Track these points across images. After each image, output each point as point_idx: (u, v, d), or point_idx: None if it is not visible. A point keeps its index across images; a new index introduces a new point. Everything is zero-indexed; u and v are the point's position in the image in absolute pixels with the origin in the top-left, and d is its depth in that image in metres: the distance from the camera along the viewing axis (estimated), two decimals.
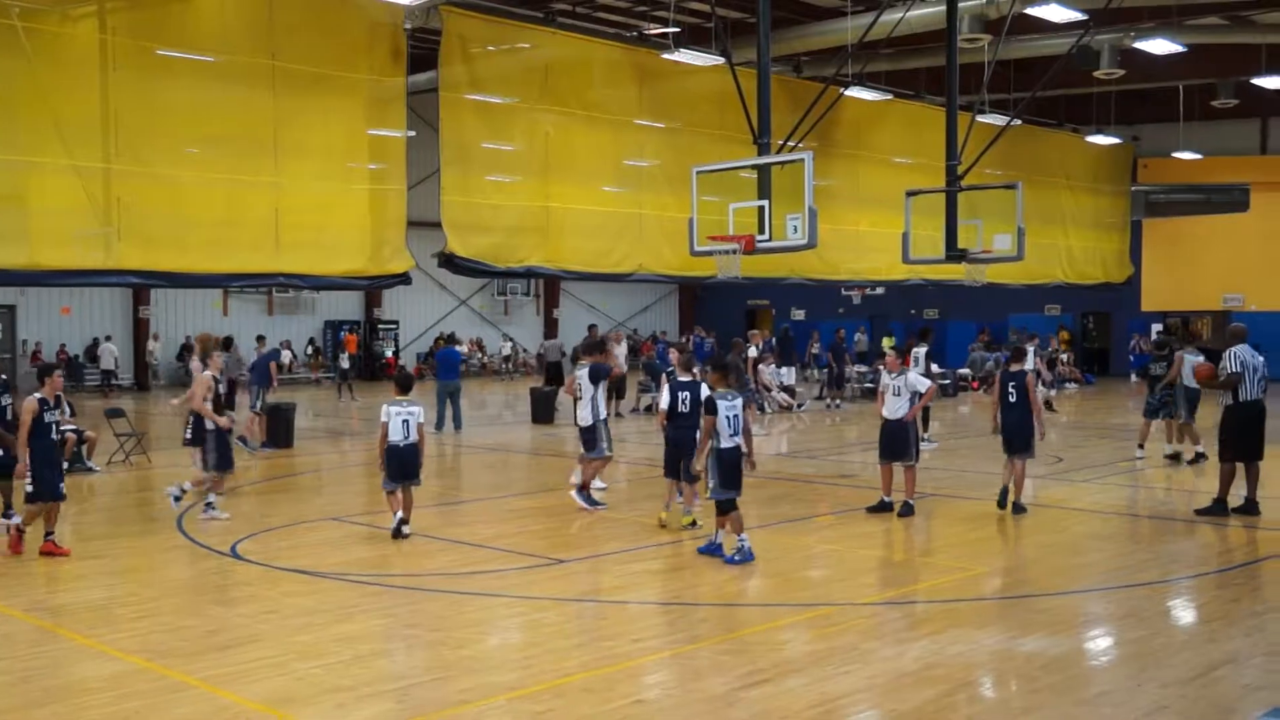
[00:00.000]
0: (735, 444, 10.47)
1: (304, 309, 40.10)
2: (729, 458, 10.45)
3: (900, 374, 12.85)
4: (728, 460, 10.44)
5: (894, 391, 12.81)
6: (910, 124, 28.11)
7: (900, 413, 12.72)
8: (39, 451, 10.65)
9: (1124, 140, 35.59)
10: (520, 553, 11.21)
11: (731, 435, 10.43)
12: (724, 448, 10.40)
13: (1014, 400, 13.04)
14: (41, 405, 10.65)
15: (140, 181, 17.49)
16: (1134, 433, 17.48)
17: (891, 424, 12.81)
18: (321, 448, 20.64)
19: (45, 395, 10.79)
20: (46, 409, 10.69)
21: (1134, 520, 13.50)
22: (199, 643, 8.08)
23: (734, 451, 10.48)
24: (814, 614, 8.91)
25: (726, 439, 10.39)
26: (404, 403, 11.72)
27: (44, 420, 10.64)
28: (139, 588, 9.87)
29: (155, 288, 32.49)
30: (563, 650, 8.00)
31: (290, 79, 18.91)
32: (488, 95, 21.21)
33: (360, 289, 33.99)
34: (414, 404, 11.79)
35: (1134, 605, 9.21)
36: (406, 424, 11.63)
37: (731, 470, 10.48)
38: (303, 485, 15.92)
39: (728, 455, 10.44)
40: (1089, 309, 40.25)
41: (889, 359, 13.23)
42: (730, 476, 10.48)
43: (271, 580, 10.09)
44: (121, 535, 12.30)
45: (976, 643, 8.08)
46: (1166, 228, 37.98)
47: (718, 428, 10.35)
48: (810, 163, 15.40)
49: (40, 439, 10.63)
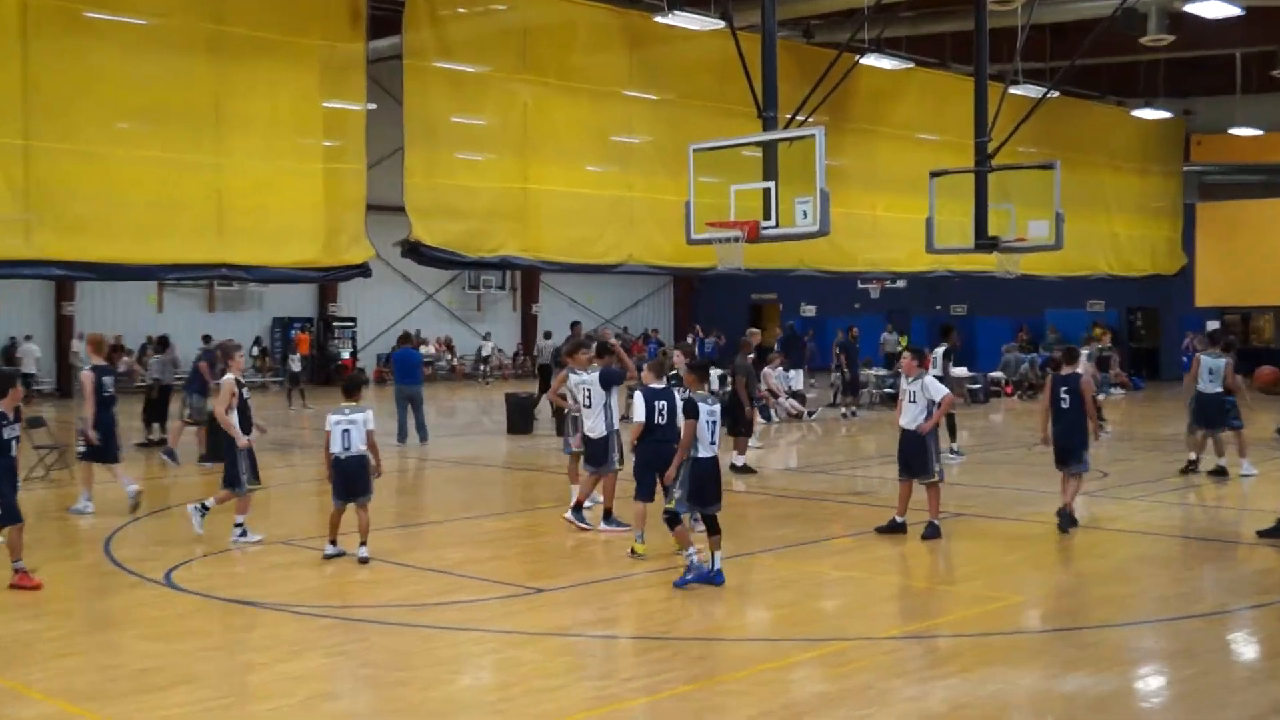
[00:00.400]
0: (713, 453, 10.55)
1: (249, 304, 40.01)
2: (706, 469, 10.50)
3: (916, 378, 12.81)
4: (703, 471, 10.49)
5: (910, 398, 12.81)
6: (934, 96, 28.11)
7: (916, 422, 12.70)
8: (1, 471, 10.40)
9: (1175, 114, 35.63)
10: (494, 581, 11.18)
11: (711, 444, 10.50)
12: (701, 457, 10.46)
13: (1066, 406, 13.13)
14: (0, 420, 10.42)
15: (64, 160, 17.39)
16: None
17: (907, 435, 12.81)
18: (269, 461, 20.51)
19: (4, 409, 10.48)
20: (5, 424, 10.42)
21: (1188, 543, 13.49)
22: (128, 683, 8.03)
23: (712, 462, 10.55)
24: (827, 650, 8.89)
25: (705, 447, 10.46)
26: (348, 409, 11.70)
27: (3, 436, 10.39)
28: (61, 620, 9.81)
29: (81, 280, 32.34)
30: (543, 691, 7.96)
31: (234, 45, 18.83)
32: (458, 63, 21.15)
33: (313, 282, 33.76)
34: (360, 410, 11.76)
35: (1188, 639, 9.21)
36: (348, 434, 11.61)
37: (706, 483, 10.53)
38: None
39: (704, 466, 10.49)
40: (1136, 304, 40.31)
41: (905, 361, 13.19)
42: (703, 490, 10.52)
43: (211, 612, 10.04)
44: (42, 561, 12.21)
45: (1011, 682, 8.07)
46: (1223, 212, 38.04)
47: (698, 434, 10.40)
48: (822, 139, 15.40)
49: (4, 457, 10.40)
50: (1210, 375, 16.78)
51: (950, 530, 13.22)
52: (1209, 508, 15.82)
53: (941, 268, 28.35)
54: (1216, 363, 16.80)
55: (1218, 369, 16.75)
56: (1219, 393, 16.69)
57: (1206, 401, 16.88)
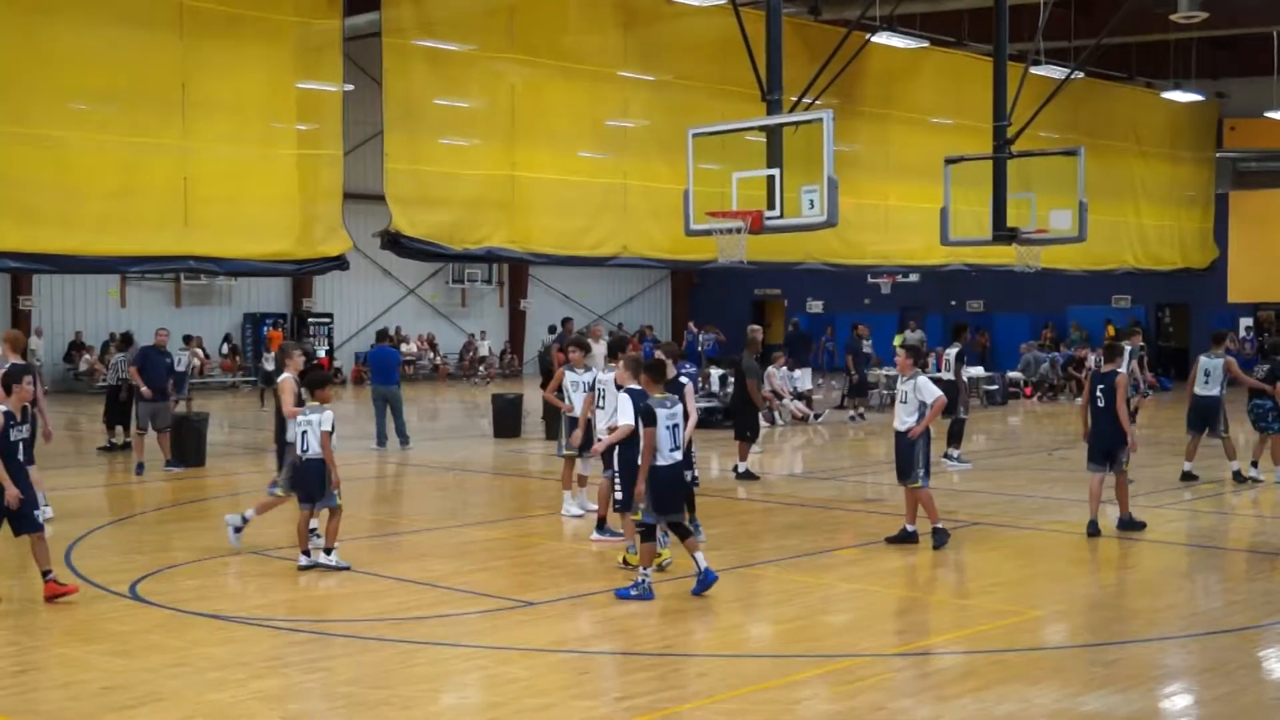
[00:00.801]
0: (674, 460, 10.61)
1: (219, 299, 39.99)
2: (666, 475, 10.58)
3: (910, 377, 13.00)
4: (664, 478, 10.57)
5: (902, 399, 13.08)
6: (950, 77, 28.15)
7: (906, 425, 12.91)
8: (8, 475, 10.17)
9: (1207, 97, 35.69)
10: (480, 593, 11.22)
11: (671, 450, 10.57)
12: (661, 465, 10.54)
13: (1102, 405, 13.44)
14: (7, 420, 10.15)
15: (18, 145, 17.39)
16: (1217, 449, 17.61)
17: (897, 437, 13.06)
18: (239, 466, 20.61)
19: (11, 408, 10.24)
20: (13, 424, 10.20)
21: (1220, 554, 13.58)
22: (91, 702, 8.06)
23: (672, 469, 10.61)
24: (834, 666, 8.94)
25: (665, 454, 10.54)
26: (309, 409, 11.81)
27: (10, 438, 10.18)
28: (20, 635, 9.83)
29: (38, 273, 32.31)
30: (533, 710, 8.01)
31: (201, 20, 18.83)
32: (441, 41, 21.18)
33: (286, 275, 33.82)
34: (318, 410, 11.83)
35: (1219, 656, 9.27)
36: (305, 435, 11.72)
37: (668, 491, 10.59)
38: (216, 511, 15.87)
39: (665, 473, 10.57)
40: (1165, 300, 40.40)
41: (899, 360, 13.42)
42: (665, 498, 10.59)
43: (179, 627, 10.07)
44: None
45: (1029, 701, 8.11)
46: (1258, 202, 38.11)
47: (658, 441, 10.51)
48: (830, 124, 15.45)
49: (8, 460, 10.18)
50: (1207, 377, 17.00)
51: (966, 540, 13.29)
52: (1242, 515, 15.87)
53: (957, 261, 28.40)
54: (1214, 363, 16.97)
55: (1215, 370, 16.93)
56: (1214, 395, 17.00)
57: (1200, 404, 17.20)
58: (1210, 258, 37.21)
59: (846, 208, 16.94)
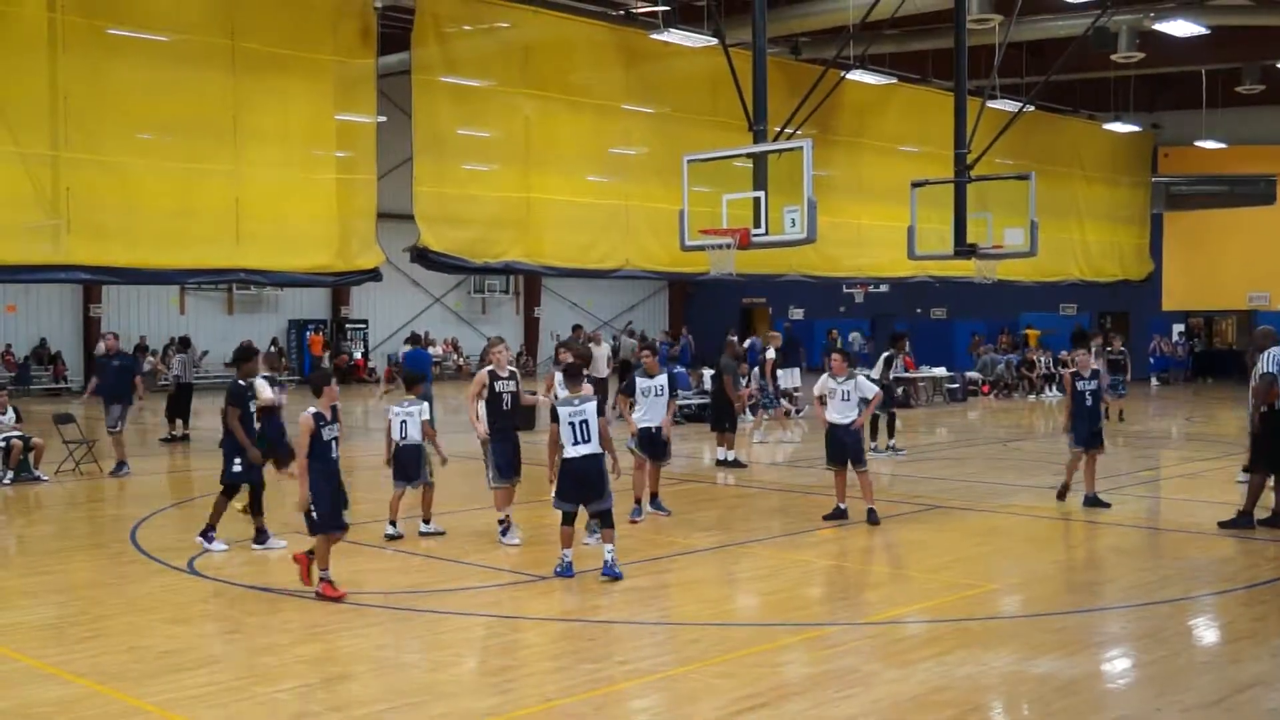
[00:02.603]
0: (580, 453, 10.51)
1: (267, 307, 40.04)
2: (572, 468, 10.57)
3: (848, 378, 13.41)
4: (570, 470, 10.58)
5: (843, 396, 13.35)
6: (916, 110, 28.16)
7: (848, 418, 13.26)
8: (319, 476, 9.86)
9: (1143, 128, 35.73)
10: (499, 569, 11.22)
11: (575, 443, 10.50)
12: (568, 456, 10.60)
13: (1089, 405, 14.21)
14: (318, 420, 9.85)
15: (90, 170, 17.42)
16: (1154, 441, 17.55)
17: (840, 429, 13.30)
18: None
19: (320, 409, 9.91)
20: (323, 424, 9.89)
21: (1154, 534, 13.57)
22: (153, 664, 8.07)
23: (580, 461, 10.51)
24: (813, 634, 8.94)
25: (571, 447, 10.55)
26: (406, 403, 12.62)
27: (323, 438, 9.86)
28: (90, 605, 9.85)
29: (106, 284, 32.35)
30: (545, 673, 8.01)
31: (250, 60, 18.85)
32: (463, 78, 21.18)
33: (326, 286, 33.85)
34: (415, 403, 12.58)
35: (1154, 624, 9.27)
36: (405, 424, 12.42)
37: (573, 481, 10.54)
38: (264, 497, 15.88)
39: (571, 465, 10.58)
40: (1107, 308, 40.39)
41: (835, 362, 13.66)
42: (568, 488, 10.57)
43: (231, 598, 10.08)
44: (71, 549, 12.28)
45: (986, 664, 8.11)
46: (1188, 221, 38.16)
47: (560, 436, 10.62)
48: (809, 151, 15.42)
49: (322, 461, 9.88)
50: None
51: (929, 521, 13.32)
52: (1176, 500, 15.87)
53: (922, 273, 28.40)
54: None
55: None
56: None
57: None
58: (1146, 270, 37.29)
59: (824, 226, 16.91)
